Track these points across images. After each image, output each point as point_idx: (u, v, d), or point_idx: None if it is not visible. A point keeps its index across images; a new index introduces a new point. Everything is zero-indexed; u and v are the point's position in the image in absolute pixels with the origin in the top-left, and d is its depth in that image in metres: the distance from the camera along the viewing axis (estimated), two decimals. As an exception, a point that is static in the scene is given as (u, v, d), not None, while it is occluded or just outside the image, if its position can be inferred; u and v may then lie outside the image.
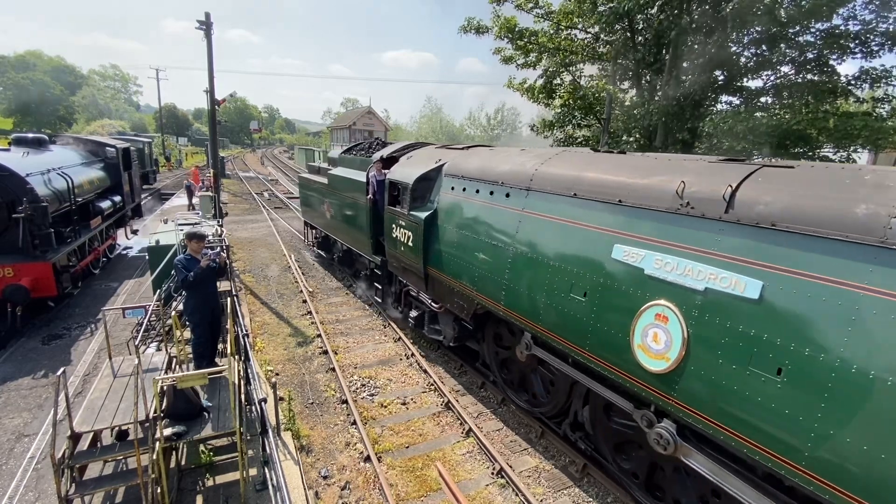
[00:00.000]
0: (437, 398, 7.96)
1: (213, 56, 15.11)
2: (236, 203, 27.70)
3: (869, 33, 11.18)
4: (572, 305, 5.46)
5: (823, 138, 10.34)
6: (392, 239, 9.14)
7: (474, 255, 7.08)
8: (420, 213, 8.18)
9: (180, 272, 5.86)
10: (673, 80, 12.53)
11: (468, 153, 8.36)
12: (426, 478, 6.11)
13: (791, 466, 3.54)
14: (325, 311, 11.50)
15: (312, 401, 7.75)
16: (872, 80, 11.05)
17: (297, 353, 9.32)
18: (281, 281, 13.67)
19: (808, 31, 11.75)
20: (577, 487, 6.05)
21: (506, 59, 15.17)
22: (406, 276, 9.16)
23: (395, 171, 9.22)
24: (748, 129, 9.87)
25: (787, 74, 12.45)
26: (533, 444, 6.90)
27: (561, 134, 15.93)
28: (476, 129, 57.02)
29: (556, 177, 6.18)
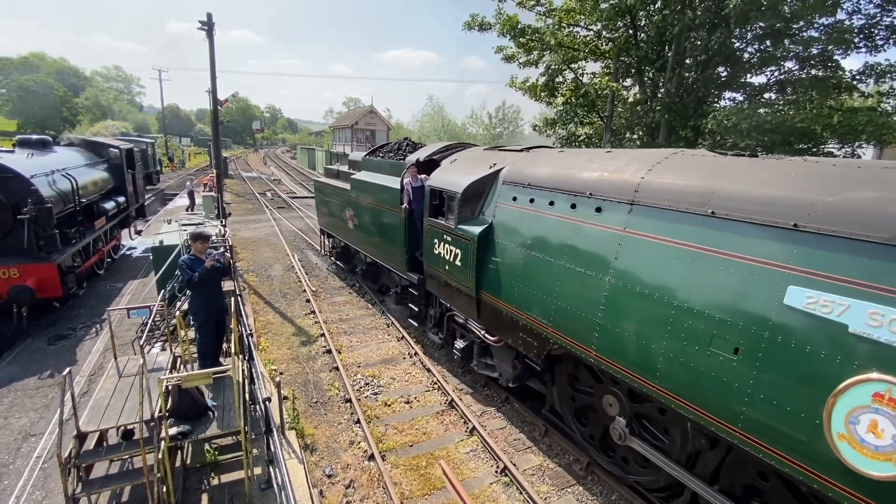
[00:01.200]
0: (441, 397, 7.97)
1: (216, 56, 15.14)
2: (239, 203, 27.78)
3: (873, 27, 11.09)
4: (713, 364, 4.08)
5: (828, 134, 10.28)
6: (434, 256, 7.93)
7: (549, 283, 5.74)
8: (472, 227, 6.95)
9: (185, 272, 5.89)
10: (675, 76, 12.47)
11: (531, 156, 7.15)
12: (430, 476, 6.12)
13: None
14: (328, 310, 11.52)
15: (316, 400, 7.77)
16: (877, 75, 10.97)
17: (300, 353, 9.35)
18: (284, 280, 13.70)
19: (813, 27, 11.67)
20: (580, 486, 6.05)
21: (508, 57, 15.15)
22: (451, 299, 7.90)
23: (438, 177, 8.10)
24: (752, 126, 9.83)
25: (790, 70, 12.38)
26: (537, 442, 6.89)
27: (563, 132, 15.90)
28: (478, 128, 56.97)
29: (677, 188, 4.79)
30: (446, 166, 8.31)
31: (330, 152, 47.88)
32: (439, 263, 7.89)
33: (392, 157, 10.64)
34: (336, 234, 13.58)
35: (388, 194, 9.45)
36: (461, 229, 7.17)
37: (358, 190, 10.98)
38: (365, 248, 11.39)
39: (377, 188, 9.99)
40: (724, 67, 12.67)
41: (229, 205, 25.37)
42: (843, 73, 11.53)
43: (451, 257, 7.50)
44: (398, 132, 61.24)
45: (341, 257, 14.04)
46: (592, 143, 15.22)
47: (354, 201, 11.21)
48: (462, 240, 7.15)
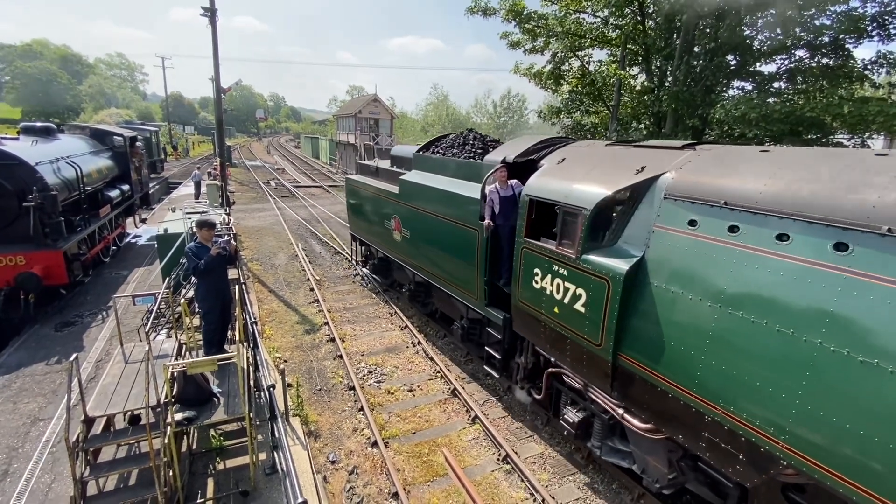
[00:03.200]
0: (444, 385, 8.02)
1: (219, 44, 15.03)
2: (243, 192, 27.80)
3: (887, 15, 10.85)
4: None
5: (837, 124, 10.13)
6: (532, 290, 6.04)
7: (782, 368, 3.64)
8: (611, 260, 4.89)
9: (191, 260, 5.90)
10: (683, 65, 12.29)
11: (713, 157, 4.81)
12: (432, 463, 6.19)
13: None
14: (332, 299, 11.57)
15: (320, 387, 7.84)
16: (890, 65, 10.77)
17: (304, 341, 9.41)
18: (288, 269, 13.75)
19: (825, 14, 11.43)
20: (582, 474, 6.10)
21: (513, 43, 14.94)
22: (559, 352, 5.90)
23: (541, 184, 6.04)
24: (760, 115, 9.69)
25: (801, 59, 12.16)
26: (538, 431, 6.94)
27: (569, 120, 15.74)
28: (482, 117, 56.51)
29: None
30: (551, 168, 6.21)
31: (334, 141, 47.72)
32: (541, 302, 5.85)
33: (458, 153, 8.60)
34: (373, 244, 11.46)
35: (460, 204, 7.44)
36: (590, 262, 5.07)
37: (409, 195, 8.96)
38: (416, 266, 9.24)
39: (442, 195, 7.93)
40: (734, 56, 12.47)
41: (233, 193, 25.39)
42: (855, 62, 11.33)
43: (565, 297, 5.46)
44: (402, 121, 60.86)
45: (379, 271, 11.70)
46: (598, 132, 15.07)
47: (404, 208, 9.15)
48: (591, 277, 5.07)
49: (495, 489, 5.81)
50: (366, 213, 11.32)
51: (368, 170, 11.72)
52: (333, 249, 15.85)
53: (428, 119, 58.19)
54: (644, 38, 12.80)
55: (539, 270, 5.92)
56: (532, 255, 6.05)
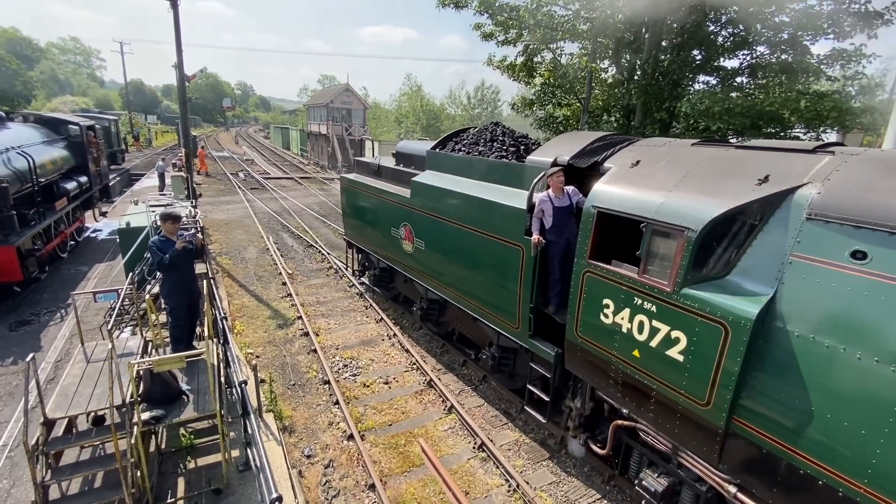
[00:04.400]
0: (420, 377, 8.05)
1: (182, 29, 14.41)
2: (210, 184, 26.94)
3: (841, 13, 11.34)
4: None
5: (795, 119, 10.59)
6: (599, 325, 4.94)
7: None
8: (730, 298, 3.82)
9: (155, 254, 5.70)
10: (651, 58, 12.56)
11: (863, 166, 3.77)
12: (409, 454, 6.23)
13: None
14: (305, 292, 11.40)
15: (294, 382, 7.75)
16: (843, 61, 11.30)
17: (277, 336, 9.26)
18: (259, 263, 13.46)
19: (784, 11, 11.85)
20: (554, 459, 6.26)
21: (486, 35, 14.90)
22: (634, 405, 4.86)
23: (613, 192, 4.89)
24: (723, 109, 10.03)
25: (762, 54, 12.61)
26: (513, 418, 7.07)
27: (542, 113, 15.87)
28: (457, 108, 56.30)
29: None
30: (624, 173, 5.03)
31: (305, 132, 46.70)
32: (612, 341, 4.79)
33: (486, 152, 7.38)
34: (373, 253, 10.13)
35: (498, 215, 6.25)
36: (694, 298, 3.99)
37: (425, 200, 7.75)
38: (431, 282, 8.08)
39: (471, 203, 6.71)
40: (699, 50, 12.82)
41: (200, 185, 24.56)
42: (812, 57, 11.82)
43: (651, 339, 4.39)
44: (375, 111, 60.04)
45: (380, 282, 10.49)
46: (570, 125, 15.26)
47: (417, 215, 7.97)
48: (696, 317, 3.98)
49: (471, 476, 5.91)
50: (366, 217, 10.04)
51: (368, 168, 10.32)
52: (306, 242, 15.59)
53: (402, 110, 57.53)
54: (614, 32, 13.00)
55: (611, 302, 4.75)
56: (600, 283, 4.87)
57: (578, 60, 13.54)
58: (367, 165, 10.47)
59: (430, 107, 53.36)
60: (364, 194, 9.90)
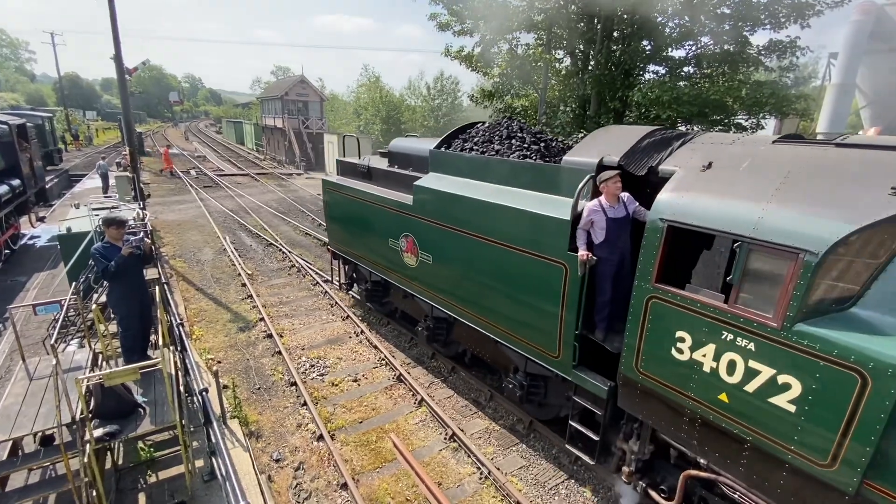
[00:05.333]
0: (389, 372, 8.04)
1: (120, 18, 13.50)
2: (159, 183, 25.63)
3: (776, 4, 11.98)
4: None
5: (737, 106, 11.16)
6: (670, 361, 4.19)
7: None
8: (867, 340, 3.13)
9: (99, 262, 5.38)
10: (604, 49, 12.86)
11: None
12: (381, 450, 6.23)
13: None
14: (266, 293, 11.10)
15: (259, 386, 7.56)
16: (779, 51, 11.97)
17: (239, 339, 8.99)
18: (216, 265, 12.96)
19: (725, 3, 12.40)
20: (524, 444, 6.43)
21: (442, 25, 14.81)
22: (718, 455, 4.15)
23: (689, 202, 4.06)
24: (672, 98, 10.44)
25: (706, 45, 13.16)
26: (482, 407, 7.20)
27: (500, 104, 15.97)
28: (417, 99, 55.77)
29: None
30: (696, 178, 4.24)
31: (260, 126, 45.07)
32: (688, 380, 4.07)
33: (504, 151, 6.53)
34: (366, 265, 8.98)
35: (534, 227, 5.28)
36: (814, 337, 3.30)
37: (431, 207, 6.79)
38: (442, 300, 7.08)
39: (498, 212, 5.70)
40: (648, 41, 13.24)
41: (148, 185, 23.33)
42: (751, 48, 12.46)
43: (747, 382, 3.69)
44: (333, 103, 58.62)
45: (373, 297, 9.51)
46: (529, 115, 15.45)
47: (422, 224, 7.02)
48: (817, 361, 3.30)
49: (444, 467, 5.98)
50: (355, 226, 8.94)
51: (356, 170, 9.01)
52: (265, 241, 15.13)
53: (360, 101, 56.44)
54: (567, 22, 13.21)
55: (687, 335, 4.01)
56: (672, 312, 4.10)
57: (534, 51, 13.67)
58: (353, 167, 9.10)
59: (390, 98, 52.64)
60: (352, 200, 8.70)
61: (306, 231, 16.45)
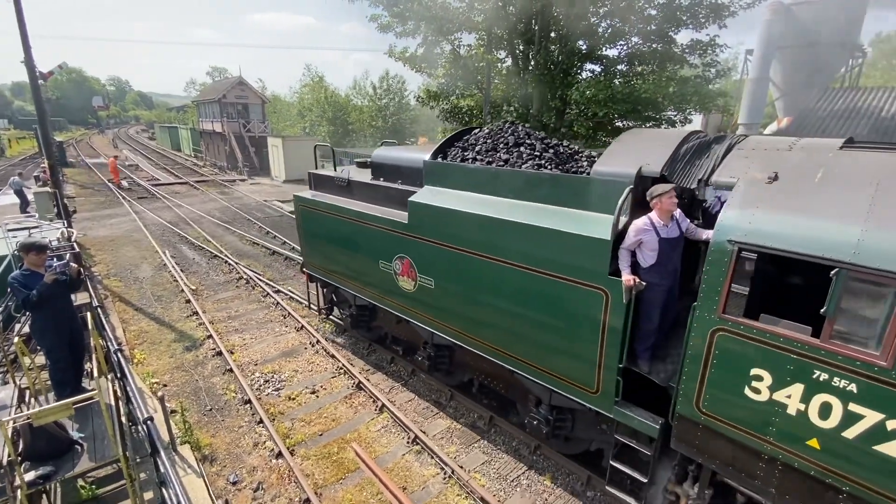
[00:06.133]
0: (348, 380, 7.95)
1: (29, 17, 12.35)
2: (87, 196, 23.77)
3: (697, 6, 12.86)
4: None
5: (667, 103, 11.92)
6: (742, 401, 3.76)
7: None
8: None
9: (19, 292, 4.95)
10: (543, 49, 13.28)
11: None
12: (343, 460, 6.16)
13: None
14: (213, 308, 10.61)
15: (211, 407, 7.24)
16: (701, 50, 12.87)
17: (186, 360, 8.55)
18: (156, 281, 12.23)
19: (652, 5, 13.16)
20: (485, 439, 6.57)
21: (383, 26, 14.72)
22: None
23: (767, 224, 3.54)
24: (608, 96, 10.98)
25: (636, 44, 13.92)
26: (443, 407, 7.28)
27: (446, 104, 16.10)
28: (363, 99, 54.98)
29: None
30: (762, 192, 3.74)
31: (197, 131, 42.80)
32: (767, 423, 3.67)
33: (513, 160, 5.92)
34: (350, 289, 8.11)
35: (565, 248, 4.63)
36: None
37: (434, 225, 6.01)
38: (446, 327, 6.41)
39: (518, 231, 5.01)
40: (584, 41, 13.82)
41: (73, 199, 21.62)
42: (676, 47, 13.31)
43: (847, 428, 3.30)
44: (275, 105, 56.62)
45: (359, 323, 8.71)
46: (475, 115, 15.69)
47: (420, 245, 6.29)
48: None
49: (407, 471, 6.01)
50: (336, 247, 8.07)
51: (332, 184, 8.11)
52: (209, 253, 14.44)
53: (304, 102, 54.90)
54: (506, 23, 13.52)
55: (766, 374, 3.58)
56: (745, 346, 3.65)
57: (476, 52, 13.89)
58: (330, 181, 8.18)
59: (336, 98, 51.53)
60: (332, 218, 7.82)
61: (253, 240, 15.86)
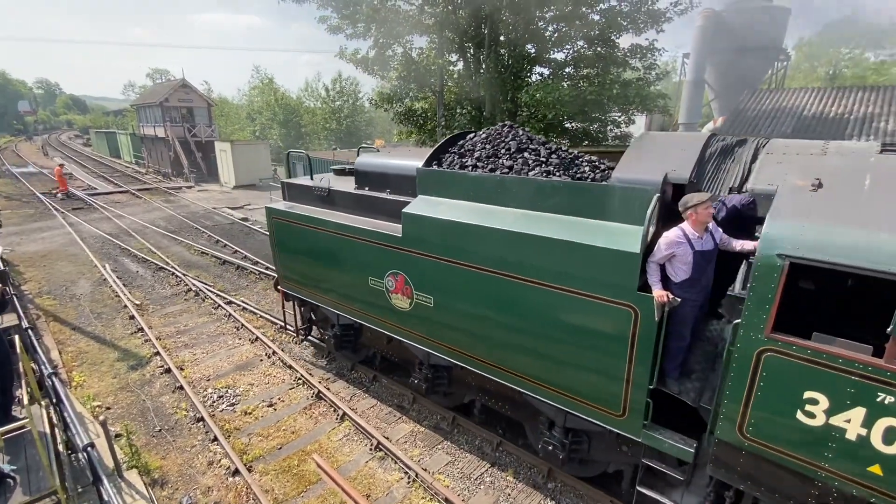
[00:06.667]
0: (307, 391, 7.78)
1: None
2: (14, 208, 21.95)
3: (636, 12, 13.53)
4: None
5: (612, 104, 12.45)
6: (798, 428, 3.56)
7: None
8: None
9: (-69, 316, 4.52)
10: (493, 53, 13.53)
11: None
12: (304, 473, 6.03)
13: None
14: (160, 323, 10.09)
15: (160, 428, 6.89)
16: (641, 54, 13.54)
17: (131, 379, 8.09)
18: (96, 298, 11.48)
19: (595, 10, 13.71)
20: (448, 440, 6.62)
21: (332, 28, 14.51)
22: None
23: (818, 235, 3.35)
24: (556, 98, 11.35)
25: (582, 48, 14.45)
26: (406, 410, 7.27)
27: (400, 107, 16.07)
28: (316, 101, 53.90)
29: None
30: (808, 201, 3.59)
31: (138, 136, 40.46)
32: (823, 449, 3.50)
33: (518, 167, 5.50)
34: (335, 308, 7.49)
35: (589, 261, 4.31)
36: None
37: (434, 238, 5.54)
38: (446, 347, 6.01)
39: (533, 244, 4.66)
40: (532, 45, 14.20)
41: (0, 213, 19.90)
42: (618, 51, 13.93)
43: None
44: (223, 108, 54.44)
45: (344, 344, 7.93)
46: (429, 118, 15.75)
47: (418, 260, 5.80)
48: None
49: (371, 478, 5.96)
50: (317, 262, 7.46)
51: (311, 194, 7.50)
52: (155, 266, 13.71)
53: (254, 105, 53.13)
54: (457, 27, 13.67)
55: (822, 397, 3.40)
56: (797, 368, 3.45)
57: (428, 55, 13.96)
58: (307, 190, 7.54)
59: (287, 100, 50.18)
60: (311, 231, 7.20)
61: (202, 250, 15.18)
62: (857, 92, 17.80)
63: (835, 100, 17.68)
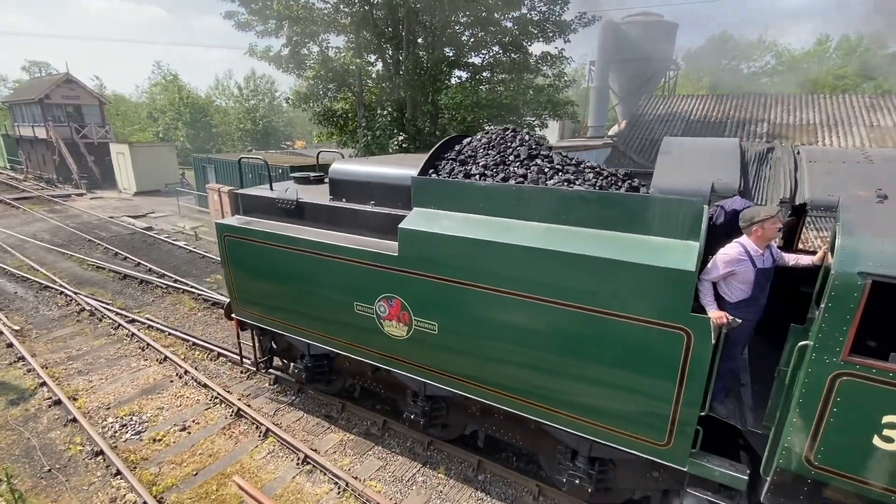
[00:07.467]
0: (225, 410, 7.31)
1: None
2: None
3: (545, 22, 14.33)
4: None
5: (526, 109, 13.09)
6: (879, 456, 3.39)
7: None
8: None
9: None
10: (411, 55, 13.61)
11: None
12: (224, 497, 5.68)
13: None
14: (47, 350, 8.91)
15: (49, 467, 6.10)
16: (550, 62, 14.39)
17: (11, 416, 7.07)
18: (-39, 326, 9.86)
19: (507, 18, 14.32)
20: (379, 445, 6.57)
21: (241, 24, 13.72)
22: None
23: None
24: (473, 102, 11.69)
25: (497, 53, 15.03)
26: (335, 420, 7.10)
27: (318, 107, 15.60)
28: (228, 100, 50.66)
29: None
30: (882, 215, 3.46)
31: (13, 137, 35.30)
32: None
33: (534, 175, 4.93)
34: (305, 338, 6.52)
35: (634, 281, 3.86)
36: None
37: (440, 258, 4.88)
38: (448, 377, 5.35)
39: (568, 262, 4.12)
40: (450, 49, 14.49)
41: None
42: (531, 57, 14.68)
43: None
44: (118, 107, 49.34)
45: (316, 375, 7.02)
46: (350, 118, 15.45)
47: (420, 282, 5.08)
48: None
49: (299, 494, 5.75)
50: (284, 287, 6.41)
51: (272, 207, 6.50)
52: (38, 284, 12.07)
53: (157, 104, 48.68)
54: (374, 28, 13.56)
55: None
56: (877, 392, 3.27)
57: (345, 55, 13.70)
58: (268, 202, 6.52)
59: (194, 99, 46.58)
60: (276, 251, 6.16)
61: (97, 264, 13.63)
62: (733, 99, 20.34)
63: (715, 105, 20.06)
